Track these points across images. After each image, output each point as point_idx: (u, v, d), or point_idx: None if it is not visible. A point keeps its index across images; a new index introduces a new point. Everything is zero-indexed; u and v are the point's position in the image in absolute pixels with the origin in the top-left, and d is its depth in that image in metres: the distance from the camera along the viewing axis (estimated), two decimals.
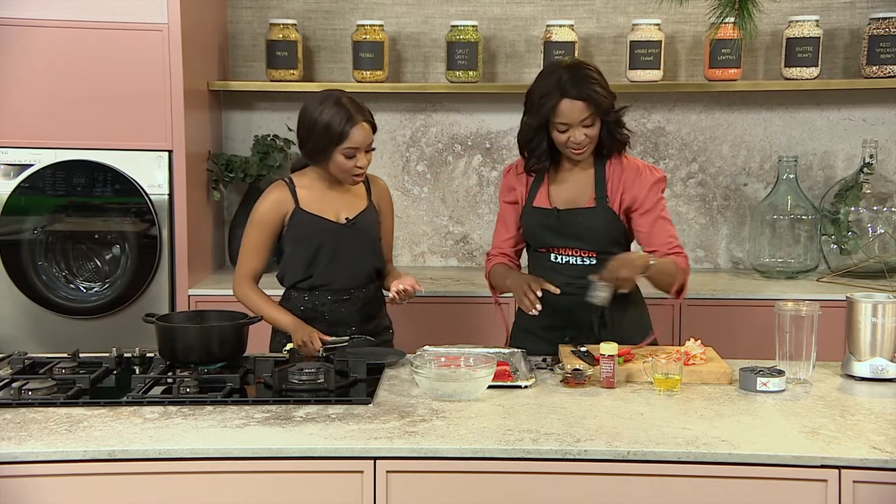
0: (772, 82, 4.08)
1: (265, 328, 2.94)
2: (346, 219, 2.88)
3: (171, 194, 3.67)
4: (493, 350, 2.70)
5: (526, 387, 2.46)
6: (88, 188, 3.66)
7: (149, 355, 2.69)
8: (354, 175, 2.81)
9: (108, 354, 2.67)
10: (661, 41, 3.94)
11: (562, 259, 2.83)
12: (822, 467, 2.03)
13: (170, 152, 3.65)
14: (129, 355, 2.69)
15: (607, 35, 4.17)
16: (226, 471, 2.08)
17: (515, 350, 2.72)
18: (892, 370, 2.53)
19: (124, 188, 3.65)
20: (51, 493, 2.08)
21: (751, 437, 2.12)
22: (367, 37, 3.96)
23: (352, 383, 2.48)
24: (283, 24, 4.00)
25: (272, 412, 2.28)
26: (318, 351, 2.66)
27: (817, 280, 3.92)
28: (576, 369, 2.49)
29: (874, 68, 3.91)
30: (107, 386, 2.53)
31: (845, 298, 2.62)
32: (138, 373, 2.58)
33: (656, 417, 2.25)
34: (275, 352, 2.87)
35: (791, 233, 3.96)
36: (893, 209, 3.92)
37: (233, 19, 4.22)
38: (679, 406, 2.34)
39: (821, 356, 2.57)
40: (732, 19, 2.71)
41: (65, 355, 2.68)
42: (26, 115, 3.61)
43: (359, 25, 3.99)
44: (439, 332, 3.51)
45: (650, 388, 2.46)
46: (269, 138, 4.13)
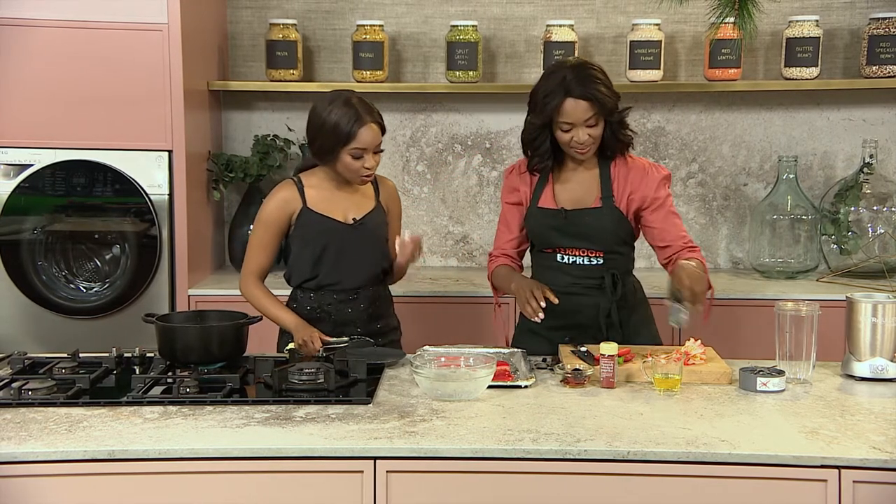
0: (772, 82, 4.08)
1: (272, 328, 2.94)
2: (354, 219, 2.88)
3: (171, 194, 3.67)
4: (493, 350, 2.70)
5: (526, 387, 2.46)
6: (88, 188, 3.66)
7: (149, 355, 2.69)
8: (362, 176, 2.81)
9: (107, 354, 2.67)
10: (661, 41, 3.94)
11: (568, 259, 2.83)
12: (822, 467, 2.03)
13: (170, 152, 3.65)
14: (129, 355, 2.69)
15: (607, 35, 4.17)
16: (226, 471, 2.08)
17: (515, 350, 2.72)
18: (892, 370, 2.52)
19: (124, 188, 3.65)
20: (51, 493, 2.08)
21: (751, 437, 2.12)
22: (367, 37, 3.96)
23: (352, 383, 2.48)
24: (283, 24, 4.00)
25: (272, 412, 2.28)
26: (318, 351, 2.66)
27: (817, 280, 3.92)
28: (576, 369, 2.49)
29: (874, 68, 3.91)
30: (107, 386, 2.53)
31: (845, 298, 2.62)
32: (138, 373, 2.58)
33: (656, 417, 2.25)
34: (281, 352, 2.86)
35: (791, 233, 3.95)
36: (893, 209, 3.92)
37: (233, 19, 4.22)
38: (679, 406, 2.34)
39: (821, 356, 2.56)
40: (732, 19, 2.70)
41: (65, 355, 2.68)
42: (26, 115, 3.61)
43: (359, 25, 3.99)
44: (439, 332, 3.51)
45: (650, 388, 2.46)
46: (268, 138, 4.13)
